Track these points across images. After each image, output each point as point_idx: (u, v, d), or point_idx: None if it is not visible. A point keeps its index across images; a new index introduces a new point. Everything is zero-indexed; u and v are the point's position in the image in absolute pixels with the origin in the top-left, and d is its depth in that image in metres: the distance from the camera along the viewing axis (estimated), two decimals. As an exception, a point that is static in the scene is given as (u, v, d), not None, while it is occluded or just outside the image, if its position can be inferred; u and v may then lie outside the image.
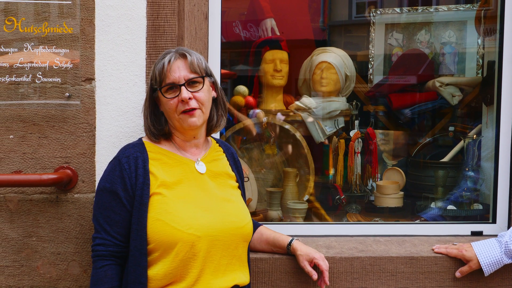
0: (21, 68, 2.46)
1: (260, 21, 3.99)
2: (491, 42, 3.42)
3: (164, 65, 2.15)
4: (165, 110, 2.20)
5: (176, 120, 2.17)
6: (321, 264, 2.37)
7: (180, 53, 2.18)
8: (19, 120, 2.47)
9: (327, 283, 2.36)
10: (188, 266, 2.05)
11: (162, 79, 2.15)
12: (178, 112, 2.15)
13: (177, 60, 2.16)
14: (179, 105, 2.14)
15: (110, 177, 2.12)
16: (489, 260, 2.51)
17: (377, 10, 4.17)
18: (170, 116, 2.18)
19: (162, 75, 2.15)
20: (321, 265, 2.37)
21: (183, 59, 2.17)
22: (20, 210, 2.49)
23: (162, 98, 2.17)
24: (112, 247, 2.09)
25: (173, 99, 2.14)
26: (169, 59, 2.16)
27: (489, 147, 3.16)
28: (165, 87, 2.15)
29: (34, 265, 2.50)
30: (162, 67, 2.15)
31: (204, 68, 2.20)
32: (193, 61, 2.17)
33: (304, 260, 2.41)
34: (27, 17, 2.47)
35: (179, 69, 2.15)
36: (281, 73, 3.65)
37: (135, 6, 2.51)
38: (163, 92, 2.16)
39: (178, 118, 2.16)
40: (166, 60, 2.16)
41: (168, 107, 2.16)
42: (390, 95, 3.85)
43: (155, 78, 2.18)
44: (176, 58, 2.17)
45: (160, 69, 2.15)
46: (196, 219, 2.08)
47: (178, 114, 2.15)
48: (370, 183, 3.60)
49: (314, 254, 2.40)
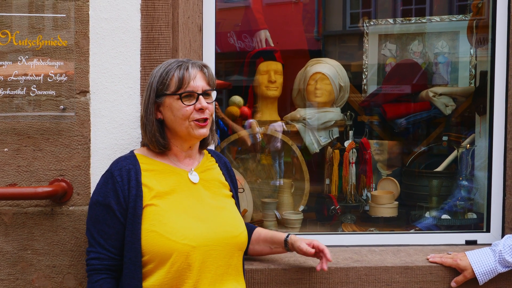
0: (16, 81, 2.46)
1: (254, 33, 4.01)
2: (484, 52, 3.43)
3: (187, 72, 2.16)
4: (173, 116, 2.18)
5: (185, 127, 2.17)
6: (320, 244, 2.37)
7: (199, 65, 2.22)
8: (13, 133, 2.47)
9: (330, 260, 2.34)
10: (183, 277, 2.05)
11: (181, 86, 2.15)
12: (191, 119, 2.16)
13: (197, 69, 2.19)
14: (194, 113, 2.15)
15: (103, 191, 2.11)
16: (483, 269, 2.52)
17: (370, 21, 4.20)
18: (178, 123, 2.17)
19: (183, 81, 2.15)
20: (320, 245, 2.36)
21: (201, 70, 2.21)
22: (15, 223, 2.48)
23: (176, 104, 2.16)
24: (107, 260, 2.09)
25: (189, 106, 2.15)
26: (189, 67, 2.18)
27: (483, 157, 3.17)
28: (185, 94, 2.16)
29: (29, 278, 2.50)
30: (185, 73, 2.16)
31: (214, 83, 2.27)
32: (210, 74, 2.23)
33: (302, 242, 2.38)
34: (21, 30, 2.47)
35: (199, 79, 2.18)
36: (275, 84, 3.67)
37: (129, 18, 2.52)
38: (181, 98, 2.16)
39: (188, 125, 2.16)
40: (190, 68, 2.17)
41: (182, 113, 2.15)
42: (384, 105, 3.87)
43: (167, 84, 2.16)
44: (196, 68, 2.19)
45: (182, 75, 2.15)
46: (191, 229, 2.08)
47: (189, 121, 2.16)
48: (365, 193, 3.60)
49: (312, 239, 2.40)
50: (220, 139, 3.53)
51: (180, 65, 2.18)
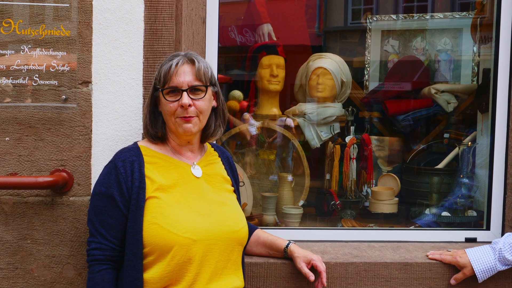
0: (18, 71, 2.46)
1: (257, 26, 4.00)
2: (487, 50, 3.43)
3: (171, 67, 2.15)
4: (163, 111, 2.20)
5: (172, 123, 2.18)
6: (319, 265, 2.37)
7: (189, 58, 2.18)
8: (15, 122, 2.47)
9: (324, 284, 2.36)
10: (183, 270, 2.05)
11: (166, 81, 2.15)
12: (176, 116, 2.15)
13: (184, 64, 2.17)
14: (178, 109, 2.14)
15: (106, 181, 2.11)
16: (483, 267, 2.52)
17: (373, 17, 4.19)
18: (167, 118, 2.19)
19: (167, 76, 2.15)
20: (319, 266, 2.37)
21: (191, 64, 2.18)
22: (15, 212, 2.48)
23: (162, 99, 2.17)
24: (109, 251, 2.09)
25: (173, 102, 2.15)
26: (177, 62, 2.16)
27: (484, 155, 3.17)
28: (167, 90, 2.15)
29: (28, 268, 2.50)
30: (169, 69, 2.15)
31: (209, 77, 2.21)
32: (200, 69, 2.17)
33: (301, 262, 2.41)
34: (24, 20, 2.46)
35: (185, 74, 2.15)
36: (277, 78, 3.65)
37: (133, 9, 2.51)
38: (165, 94, 2.16)
39: (174, 121, 2.16)
40: (174, 63, 2.15)
41: (166, 109, 2.16)
42: (386, 102, 3.87)
43: (159, 78, 2.17)
44: (184, 63, 2.17)
45: (166, 71, 2.15)
46: (192, 222, 2.08)
47: (175, 118, 2.16)
48: (365, 189, 3.61)
49: (311, 256, 2.41)
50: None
51: (172, 59, 2.17)
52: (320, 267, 2.37)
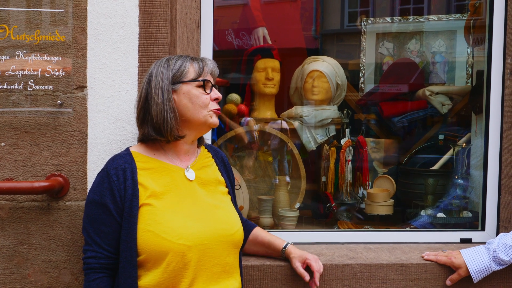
0: (13, 76, 2.46)
1: (252, 30, 4.01)
2: (480, 52, 3.45)
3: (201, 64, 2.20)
4: (191, 103, 2.16)
5: (202, 116, 2.18)
6: (313, 265, 2.38)
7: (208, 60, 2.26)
8: (10, 127, 2.48)
9: (317, 284, 2.36)
10: (179, 276, 2.05)
11: (200, 74, 2.19)
12: (209, 108, 2.19)
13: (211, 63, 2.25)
14: (211, 103, 2.20)
15: (99, 190, 2.10)
16: (477, 267, 2.53)
17: (368, 19, 4.20)
18: (197, 111, 2.17)
19: (203, 70, 2.20)
20: (313, 265, 2.38)
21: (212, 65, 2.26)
22: (11, 217, 2.49)
23: (195, 91, 2.17)
24: (104, 259, 2.09)
25: (208, 94, 2.19)
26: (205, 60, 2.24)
27: (478, 156, 3.18)
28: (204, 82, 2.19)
29: (25, 273, 2.50)
30: (203, 64, 2.21)
31: None
32: (215, 71, 2.27)
33: (296, 262, 2.42)
34: (19, 25, 2.47)
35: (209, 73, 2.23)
36: (272, 82, 3.67)
37: (127, 14, 2.53)
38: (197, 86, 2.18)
39: (207, 113, 2.18)
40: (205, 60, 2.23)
41: (201, 101, 2.17)
42: (381, 104, 3.88)
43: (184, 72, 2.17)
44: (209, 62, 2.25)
45: (202, 66, 2.20)
46: (186, 228, 2.07)
47: (208, 110, 2.19)
48: (361, 191, 3.62)
49: (307, 256, 2.42)
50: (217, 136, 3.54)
51: (194, 58, 2.23)
52: (313, 266, 2.38)
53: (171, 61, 2.18)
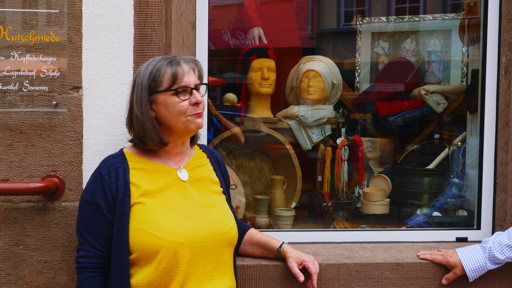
0: (8, 77, 2.46)
1: (248, 30, 4.01)
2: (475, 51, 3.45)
3: (180, 67, 2.15)
4: (168, 113, 2.16)
5: (181, 122, 2.16)
6: (311, 266, 2.38)
7: (189, 59, 2.22)
8: (6, 128, 2.47)
9: (314, 287, 2.36)
10: (171, 274, 2.05)
11: (174, 81, 2.14)
12: (187, 114, 2.15)
13: (188, 64, 2.19)
14: (189, 108, 2.15)
15: (91, 189, 2.12)
16: (473, 266, 2.54)
17: (363, 19, 4.21)
18: (175, 119, 2.16)
19: (177, 76, 2.14)
20: (310, 267, 2.37)
21: (193, 64, 2.21)
22: (7, 218, 2.48)
23: (171, 99, 2.14)
24: (96, 258, 2.10)
25: (184, 101, 2.15)
26: (181, 63, 2.17)
27: (474, 154, 3.19)
28: (179, 89, 2.14)
29: (21, 274, 2.50)
30: (177, 69, 2.15)
31: (203, 76, 2.28)
32: (201, 68, 2.24)
33: (292, 262, 2.41)
34: (14, 26, 2.47)
35: (189, 74, 2.17)
36: (268, 81, 3.67)
37: (122, 15, 2.52)
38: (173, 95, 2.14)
39: (185, 120, 2.15)
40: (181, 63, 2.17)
41: (177, 109, 2.14)
42: (377, 103, 3.88)
43: (161, 80, 2.14)
44: (187, 63, 2.19)
45: (175, 71, 2.14)
46: (178, 226, 2.08)
47: (186, 116, 2.15)
48: (356, 190, 3.62)
49: (304, 257, 2.41)
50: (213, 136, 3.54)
51: (171, 61, 2.16)
52: (311, 268, 2.37)
53: (149, 67, 2.16)
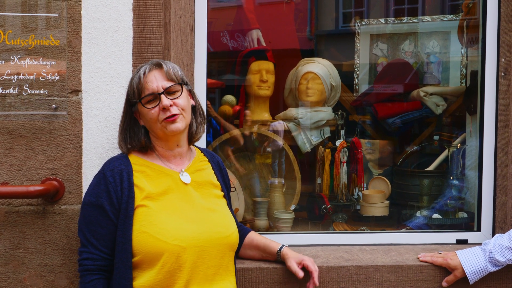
0: (8, 80, 2.46)
1: (246, 32, 4.01)
2: (474, 52, 3.46)
3: (140, 77, 2.17)
4: (146, 121, 2.21)
5: (158, 129, 2.18)
6: (310, 265, 2.37)
7: (154, 64, 2.21)
8: (5, 132, 2.47)
9: (316, 284, 2.34)
10: (174, 277, 2.06)
11: (140, 91, 2.17)
12: (160, 120, 2.16)
13: (152, 70, 2.19)
14: (160, 113, 2.16)
15: (95, 191, 2.12)
16: (473, 268, 2.54)
17: (362, 21, 4.21)
18: (152, 126, 2.20)
19: (140, 86, 2.17)
20: (310, 266, 2.37)
21: (158, 69, 2.20)
22: (7, 221, 2.48)
23: (143, 109, 2.18)
24: (100, 261, 2.09)
25: (154, 108, 2.16)
26: (144, 71, 2.19)
27: (473, 156, 3.19)
28: (145, 98, 2.17)
29: (21, 277, 2.50)
30: (139, 79, 2.17)
31: (180, 77, 2.24)
32: (169, 70, 2.20)
33: (292, 261, 2.40)
34: (14, 30, 2.47)
35: (156, 79, 2.18)
36: (267, 84, 3.67)
37: (121, 18, 2.52)
38: (144, 104, 2.17)
39: (161, 126, 2.17)
40: (142, 72, 2.18)
41: (149, 117, 2.17)
42: (375, 105, 3.88)
43: (132, 92, 2.19)
44: (151, 69, 2.20)
45: (137, 82, 2.17)
46: (181, 230, 2.08)
47: (160, 122, 2.16)
48: (356, 192, 3.62)
49: (303, 257, 2.41)
50: (212, 138, 3.54)
51: (138, 70, 2.21)
52: (311, 267, 2.37)
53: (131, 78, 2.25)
